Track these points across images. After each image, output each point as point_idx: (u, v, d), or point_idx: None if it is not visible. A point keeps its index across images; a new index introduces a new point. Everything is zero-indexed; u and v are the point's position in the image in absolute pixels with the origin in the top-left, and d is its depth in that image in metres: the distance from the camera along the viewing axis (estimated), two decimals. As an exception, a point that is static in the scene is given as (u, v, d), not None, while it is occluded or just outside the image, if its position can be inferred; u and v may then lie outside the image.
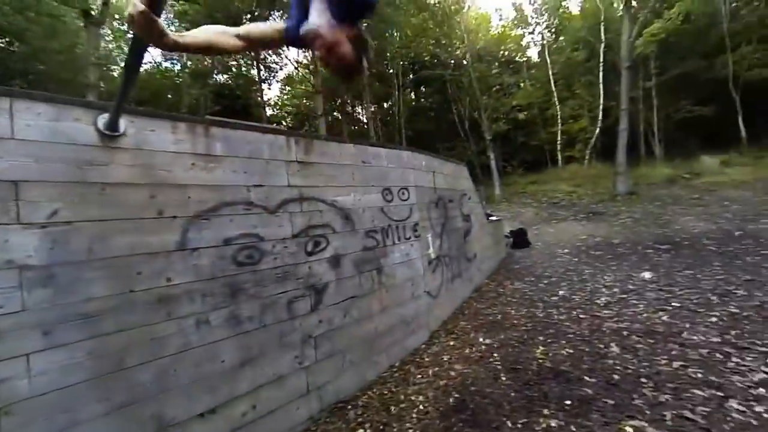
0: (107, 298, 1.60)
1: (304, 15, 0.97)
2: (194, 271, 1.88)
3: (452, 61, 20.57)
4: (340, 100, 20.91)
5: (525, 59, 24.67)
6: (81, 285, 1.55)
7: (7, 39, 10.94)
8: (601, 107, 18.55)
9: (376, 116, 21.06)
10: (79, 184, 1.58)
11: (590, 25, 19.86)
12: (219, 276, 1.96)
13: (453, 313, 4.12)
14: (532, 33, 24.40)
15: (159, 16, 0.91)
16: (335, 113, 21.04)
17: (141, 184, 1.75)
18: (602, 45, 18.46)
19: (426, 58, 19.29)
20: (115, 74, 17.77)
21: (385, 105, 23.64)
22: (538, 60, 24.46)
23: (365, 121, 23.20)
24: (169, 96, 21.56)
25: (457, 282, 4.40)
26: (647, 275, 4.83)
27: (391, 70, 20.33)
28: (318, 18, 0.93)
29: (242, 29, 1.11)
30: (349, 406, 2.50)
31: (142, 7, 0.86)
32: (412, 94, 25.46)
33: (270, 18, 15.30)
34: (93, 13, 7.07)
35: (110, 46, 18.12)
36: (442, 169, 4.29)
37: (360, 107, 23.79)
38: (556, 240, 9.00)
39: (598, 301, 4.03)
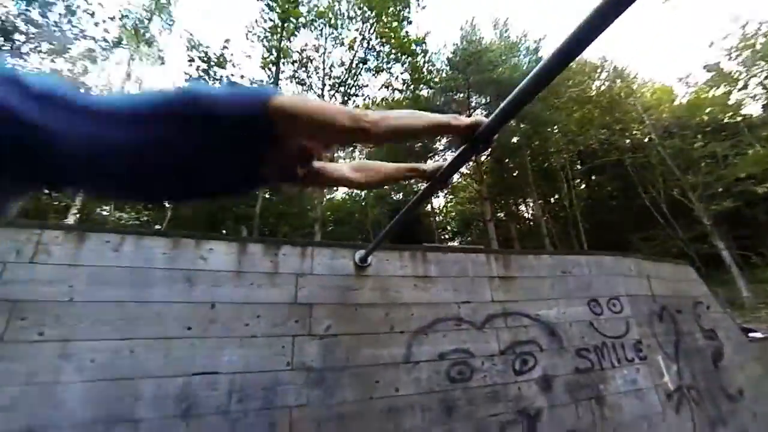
0: (354, 402, 1.93)
1: None
2: (415, 384, 2.06)
3: (629, 142, 18.35)
4: (503, 202, 21.15)
5: (740, 118, 19.57)
6: (339, 388, 1.93)
7: (271, 193, 17.21)
8: None
9: (546, 212, 19.93)
10: (342, 305, 2.13)
11: None
12: (435, 390, 2.08)
13: (726, 482, 2.82)
14: (744, 88, 19.69)
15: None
16: (500, 214, 21.18)
17: (379, 303, 2.20)
18: None
19: (595, 146, 17.96)
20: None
21: (552, 200, 22.31)
22: (765, 115, 18.97)
23: (531, 218, 22.27)
24: (356, 215, 26.91)
25: None
26: None
27: (555, 165, 19.69)
28: None
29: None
30: None
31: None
32: (584, 185, 23.33)
33: (439, 142, 18.17)
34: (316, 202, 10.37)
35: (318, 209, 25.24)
36: (657, 272, 3.54)
37: (524, 206, 23.26)
38: None
39: None
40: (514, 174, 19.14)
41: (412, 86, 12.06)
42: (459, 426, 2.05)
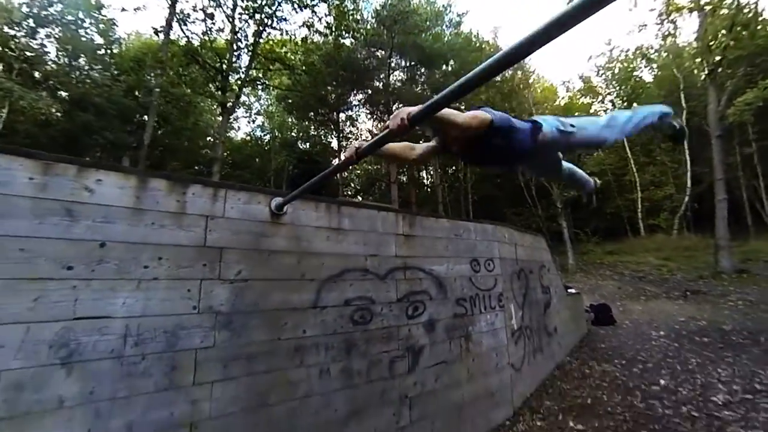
0: (263, 342, 2.01)
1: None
2: (322, 326, 2.24)
3: (518, 130, 21.10)
4: (407, 166, 22.28)
5: (595, 126, 24.31)
6: (248, 330, 1.98)
7: (157, 121, 14.38)
8: (689, 174, 17.16)
9: (443, 181, 21.88)
10: (255, 251, 2.11)
11: (667, 93, 19.33)
12: (339, 332, 2.30)
13: (536, 390, 3.91)
14: (602, 102, 24.34)
15: (361, 158, 1.53)
16: (402, 177, 22.35)
17: (292, 251, 2.25)
18: (684, 112, 17.65)
19: (492, 128, 20.09)
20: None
21: (450, 171, 24.50)
22: (610, 126, 23.93)
23: (430, 185, 24.16)
24: (257, 160, 25.02)
25: (539, 357, 4.21)
26: (778, 374, 4.11)
27: (457, 138, 21.40)
28: None
29: (420, 150, 1.84)
30: (438, 478, 2.51)
31: (354, 151, 1.49)
32: (477, 160, 26.13)
33: (354, 96, 17.76)
34: (228, 105, 9.07)
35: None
36: (522, 240, 4.42)
37: (425, 173, 25.01)
38: (647, 320, 8.03)
39: (714, 399, 3.53)
40: (419, 142, 20.23)
41: (335, 32, 11.25)
42: (356, 361, 2.34)
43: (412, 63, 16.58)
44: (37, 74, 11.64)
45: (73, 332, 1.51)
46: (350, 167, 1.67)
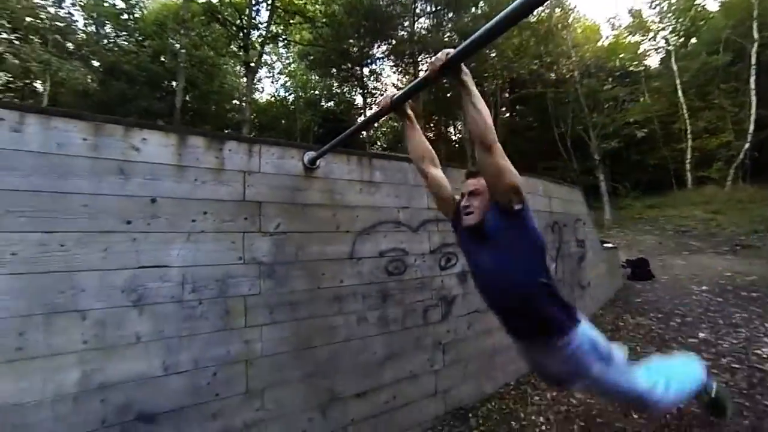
0: (304, 291, 2.14)
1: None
2: (358, 276, 2.34)
3: (553, 76, 19.48)
4: (435, 122, 21.52)
5: (642, 68, 21.86)
6: (289, 280, 2.10)
7: (185, 85, 14.59)
8: (752, 117, 15.34)
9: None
10: (291, 204, 2.18)
11: (737, 22, 16.82)
12: (375, 282, 2.40)
13: (567, 342, 3.97)
14: (653, 39, 21.62)
15: (396, 107, 1.52)
16: (429, 134, 21.68)
17: (326, 204, 2.30)
18: (755, 45, 15.44)
19: (526, 77, 18.64)
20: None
21: (479, 124, 23.40)
22: (660, 67, 21.47)
23: (458, 141, 23.34)
24: (283, 121, 24.98)
25: (571, 310, 4.22)
26: (831, 327, 3.90)
27: (485, 89, 20.17)
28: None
29: (440, 174, 1.69)
30: (470, 414, 2.68)
31: (389, 99, 1.50)
32: (508, 114, 24.67)
33: (377, 48, 16.93)
34: (251, 64, 8.97)
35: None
36: (557, 193, 4.25)
37: (453, 128, 24.09)
38: (689, 274, 7.71)
39: (758, 352, 3.43)
40: (448, 95, 19.26)
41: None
42: (392, 309, 2.45)
43: (438, 7, 15.38)
44: (69, 45, 11.93)
45: (139, 279, 1.67)
46: (378, 121, 1.63)
